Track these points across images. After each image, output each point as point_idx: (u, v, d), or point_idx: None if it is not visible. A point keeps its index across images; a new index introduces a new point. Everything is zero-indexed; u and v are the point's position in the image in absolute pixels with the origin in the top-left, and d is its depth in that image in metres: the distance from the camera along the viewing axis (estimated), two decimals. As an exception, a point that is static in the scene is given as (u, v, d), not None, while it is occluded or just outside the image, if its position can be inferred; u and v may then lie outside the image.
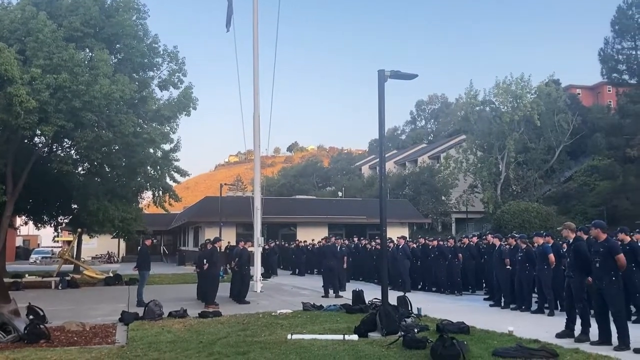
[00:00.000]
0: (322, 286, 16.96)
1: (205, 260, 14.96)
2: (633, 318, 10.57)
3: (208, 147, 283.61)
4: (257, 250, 18.56)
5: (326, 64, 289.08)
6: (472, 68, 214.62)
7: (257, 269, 18.18)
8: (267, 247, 27.19)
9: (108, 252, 47.17)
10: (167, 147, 25.11)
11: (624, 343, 8.15)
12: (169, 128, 24.19)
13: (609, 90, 60.91)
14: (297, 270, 27.28)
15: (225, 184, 40.04)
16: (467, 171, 48.77)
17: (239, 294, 15.15)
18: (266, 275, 23.85)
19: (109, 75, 19.72)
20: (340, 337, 9.21)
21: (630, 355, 7.72)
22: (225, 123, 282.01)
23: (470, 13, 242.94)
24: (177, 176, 26.84)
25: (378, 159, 11.25)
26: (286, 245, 30.68)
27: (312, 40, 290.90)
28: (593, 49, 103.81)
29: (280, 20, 33.10)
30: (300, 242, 29.06)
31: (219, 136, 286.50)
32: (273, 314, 12.44)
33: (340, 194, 59.42)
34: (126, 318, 11.48)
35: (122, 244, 46.80)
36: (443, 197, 48.63)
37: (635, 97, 42.51)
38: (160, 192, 26.87)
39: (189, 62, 25.50)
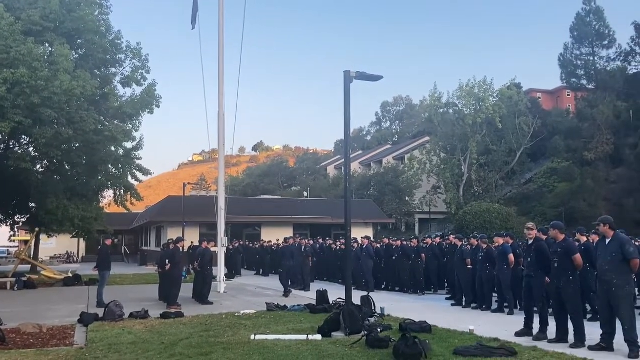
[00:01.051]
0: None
1: (167, 261, 14.75)
2: (588, 316, 10.87)
3: (171, 145, 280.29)
4: (220, 251, 18.40)
5: (293, 64, 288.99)
6: (436, 71, 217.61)
7: (220, 270, 18.03)
8: (231, 247, 26.97)
9: (67, 252, 46.10)
10: (129, 145, 24.69)
11: (579, 340, 8.39)
12: (131, 126, 23.79)
13: (568, 95, 62.58)
14: (261, 271, 27.16)
15: (188, 183, 39.60)
16: (431, 172, 49.45)
17: (201, 294, 14.99)
18: (230, 275, 23.64)
19: (70, 71, 19.26)
20: (303, 337, 9.20)
21: (584, 352, 7.94)
22: (190, 122, 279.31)
23: (435, 17, 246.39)
24: (139, 175, 26.44)
25: (343, 160, 11.30)
26: (250, 245, 30.50)
27: (278, 40, 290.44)
28: (553, 55, 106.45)
29: (246, 19, 32.86)
30: (265, 242, 28.94)
31: (183, 135, 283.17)
32: (236, 314, 12.35)
33: (305, 194, 59.47)
34: (85, 319, 11.21)
35: (82, 244, 45.75)
36: (407, 198, 49.19)
37: (593, 102, 43.88)
38: (122, 191, 26.40)
39: (152, 59, 25.20)
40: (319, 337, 9.23)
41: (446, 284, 17.19)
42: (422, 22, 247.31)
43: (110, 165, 24.72)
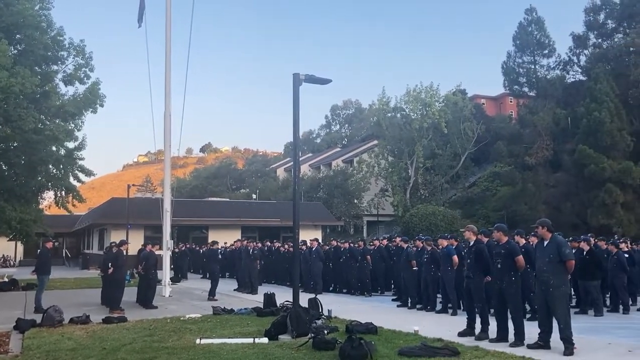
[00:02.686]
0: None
1: (110, 264, 14.36)
2: (528, 316, 11.24)
3: (116, 146, 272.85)
4: (166, 254, 18.06)
5: (242, 65, 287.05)
6: (385, 75, 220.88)
7: (165, 273, 17.70)
8: (177, 250, 26.50)
9: (3, 255, 44.16)
10: (71, 145, 23.79)
11: (519, 339, 8.67)
12: (73, 125, 22.96)
13: (511, 101, 64.58)
14: (207, 274, 26.77)
15: (133, 185, 38.62)
16: (379, 175, 50.08)
17: (145, 298, 14.67)
18: (176, 279, 23.26)
19: (8, 67, 18.43)
20: (250, 340, 9.15)
21: (523, 350, 8.21)
22: (135, 122, 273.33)
23: (384, 22, 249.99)
24: (81, 176, 25.53)
25: (292, 162, 11.33)
26: (197, 248, 30.05)
27: (227, 40, 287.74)
28: (497, 62, 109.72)
29: (195, 18, 32.39)
30: (217, 244, 28.52)
31: (128, 135, 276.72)
32: (182, 318, 12.15)
33: (254, 196, 59.06)
34: (22, 325, 10.77)
35: (20, 247, 43.96)
36: (355, 201, 49.62)
37: (534, 109, 45.46)
38: (63, 192, 25.47)
39: (96, 57, 24.36)
40: (265, 340, 9.20)
41: (392, 286, 17.44)
42: (372, 27, 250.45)
43: (50, 166, 23.77)
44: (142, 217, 30.87)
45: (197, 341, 9.09)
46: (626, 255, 13.66)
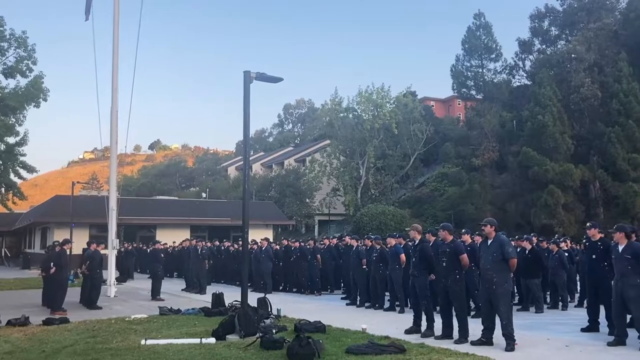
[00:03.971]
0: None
1: (52, 264, 13.86)
2: (472, 313, 11.52)
3: (61, 142, 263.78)
4: (111, 253, 17.61)
5: (193, 61, 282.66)
6: (337, 76, 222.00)
7: (111, 273, 17.25)
8: (123, 249, 25.88)
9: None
10: (12, 140, 22.99)
11: (463, 336, 8.87)
12: (14, 119, 22.20)
13: (459, 104, 66.08)
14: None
15: (78, 182, 37.40)
16: (331, 175, 50.35)
17: (89, 299, 14.26)
18: (121, 279, 22.71)
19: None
20: (197, 340, 9.01)
21: (467, 347, 8.41)
22: (81, 117, 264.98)
23: (337, 22, 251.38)
24: (23, 172, 24.70)
25: (243, 160, 11.22)
26: (144, 247, 29.41)
27: (178, 36, 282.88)
28: (447, 65, 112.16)
29: (144, 12, 31.81)
30: (160, 244, 27.99)
31: (74, 131, 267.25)
32: (127, 319, 11.85)
33: (204, 195, 58.33)
34: (-45, 329, 10.28)
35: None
36: (307, 200, 49.72)
37: (481, 111, 46.71)
38: (3, 189, 24.54)
39: (40, 50, 23.62)
40: (212, 340, 9.08)
41: (342, 284, 17.55)
42: (326, 27, 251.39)
43: (-11, 162, 22.88)
44: (87, 215, 29.97)
45: (143, 342, 8.89)
46: (566, 254, 14.20)
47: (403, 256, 12.58)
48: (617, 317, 8.71)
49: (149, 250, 25.90)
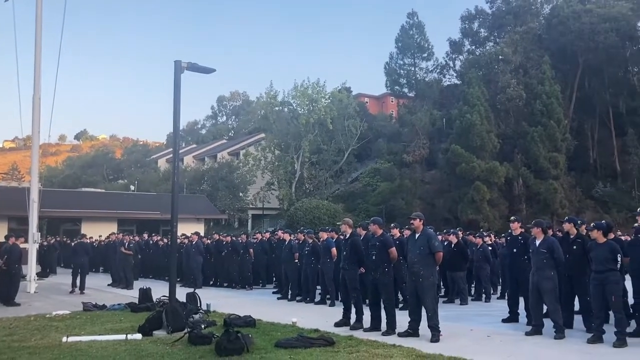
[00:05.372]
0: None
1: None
2: (400, 305, 11.79)
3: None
4: (32, 247, 16.76)
5: (123, 49, 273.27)
6: (273, 69, 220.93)
7: (31, 267, 16.43)
8: (45, 243, 24.75)
9: None
10: None
11: (390, 328, 9.05)
12: None
13: (392, 101, 67.22)
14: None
15: (-3, 173, 35.46)
16: (265, 169, 50.04)
17: (7, 295, 13.51)
18: (43, 274, 21.72)
19: None
20: (122, 337, 8.74)
21: (394, 338, 8.59)
22: (1, 104, 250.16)
23: (272, 14, 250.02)
24: None
25: (172, 152, 10.93)
26: (68, 241, 28.23)
27: (107, 25, 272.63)
28: (381, 63, 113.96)
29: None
30: (85, 238, 26.96)
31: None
32: (47, 315, 11.33)
33: (132, 187, 56.63)
34: None
35: None
36: (241, 194, 49.24)
37: (413, 109, 47.86)
38: None
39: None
40: (139, 336, 8.83)
41: (274, 278, 17.53)
42: (261, 19, 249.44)
43: None
44: (7, 207, 28.42)
45: (64, 339, 8.52)
46: (489, 248, 14.79)
47: (334, 250, 12.67)
48: (533, 308, 9.16)
49: (73, 244, 24.88)
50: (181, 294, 11.42)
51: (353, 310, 9.89)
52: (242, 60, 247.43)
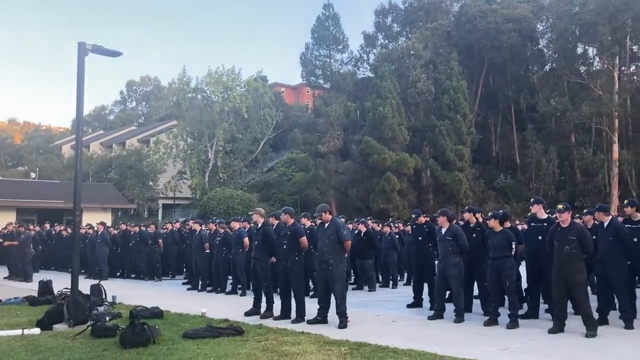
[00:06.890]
0: None
1: None
2: (311, 294, 11.98)
3: None
4: None
5: (23, 29, 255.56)
6: (186, 54, 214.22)
7: None
8: None
9: None
10: None
11: (300, 316, 9.19)
12: None
13: (308, 92, 67.49)
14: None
15: None
16: (177, 157, 48.75)
17: None
18: None
19: None
20: (18, 332, 8.30)
21: (303, 326, 8.73)
22: None
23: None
24: None
25: (75, 138, 10.35)
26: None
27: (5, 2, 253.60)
28: (297, 53, 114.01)
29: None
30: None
31: None
32: None
33: (33, 175, 53.38)
34: None
35: None
36: (151, 183, 47.72)
37: (328, 100, 48.29)
38: None
39: None
40: (37, 330, 8.43)
41: (185, 269, 17.24)
42: (175, 3, 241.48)
43: None
44: None
45: (-49, 337, 7.98)
46: (397, 236, 15.33)
47: (246, 239, 12.66)
48: (438, 293, 9.62)
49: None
50: (85, 286, 11.01)
51: (264, 299, 9.93)
52: (154, 45, 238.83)
